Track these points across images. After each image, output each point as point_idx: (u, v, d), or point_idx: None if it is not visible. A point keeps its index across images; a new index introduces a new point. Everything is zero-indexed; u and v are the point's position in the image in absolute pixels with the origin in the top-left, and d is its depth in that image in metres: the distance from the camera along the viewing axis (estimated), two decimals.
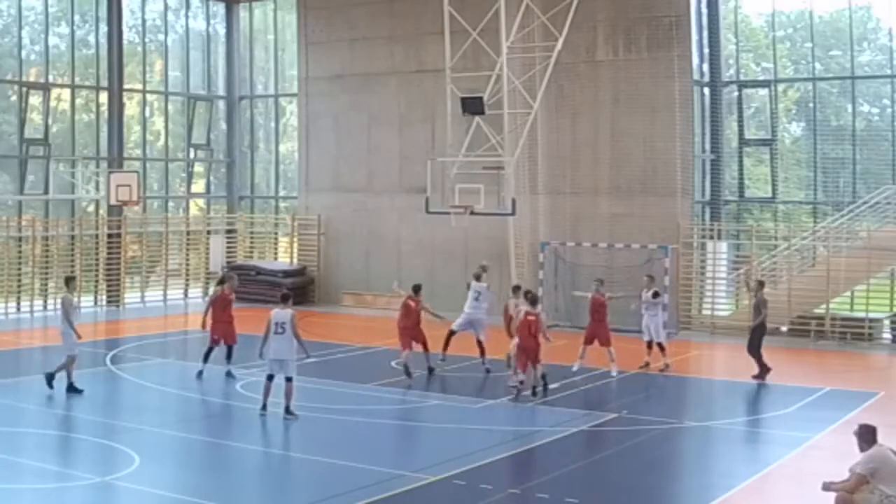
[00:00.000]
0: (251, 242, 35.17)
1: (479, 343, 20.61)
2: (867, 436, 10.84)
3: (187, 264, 33.58)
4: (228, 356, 19.77)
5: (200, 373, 19.49)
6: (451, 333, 20.64)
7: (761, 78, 29.06)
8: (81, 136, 31.82)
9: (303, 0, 33.33)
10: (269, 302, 31.34)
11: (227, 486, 13.36)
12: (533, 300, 18.34)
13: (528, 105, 25.12)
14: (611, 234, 27.70)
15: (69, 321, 17.89)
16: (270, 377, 16.39)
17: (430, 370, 20.15)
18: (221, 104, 35.56)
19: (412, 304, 19.94)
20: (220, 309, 20.01)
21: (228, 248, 34.19)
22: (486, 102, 24.66)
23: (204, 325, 20.07)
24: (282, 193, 35.67)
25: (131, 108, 33.40)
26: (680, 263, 27.03)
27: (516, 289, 20.45)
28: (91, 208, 32.14)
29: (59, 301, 19.37)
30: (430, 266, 29.96)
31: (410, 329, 19.82)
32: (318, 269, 32.84)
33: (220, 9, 35.27)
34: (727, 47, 28.95)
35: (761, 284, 21.39)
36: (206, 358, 19.47)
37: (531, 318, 17.75)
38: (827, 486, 10.73)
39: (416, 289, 20.21)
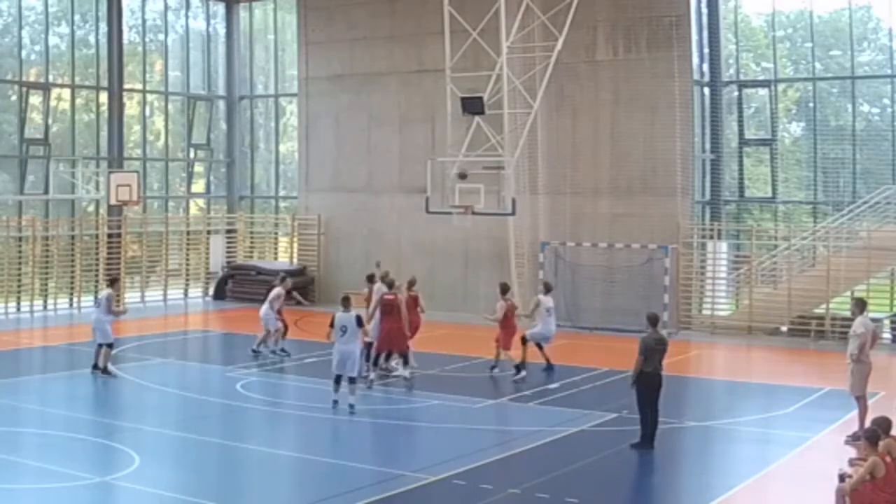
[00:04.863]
0: (251, 242, 35.14)
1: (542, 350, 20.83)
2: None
3: (187, 264, 33.57)
4: None
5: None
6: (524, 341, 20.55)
7: (761, 78, 29.04)
8: (81, 136, 31.78)
9: (303, 0, 33.34)
10: None
11: (227, 486, 13.37)
12: (390, 284, 20.58)
13: (528, 105, 25.06)
14: (611, 234, 27.68)
15: (112, 312, 20.01)
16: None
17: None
18: (221, 104, 35.54)
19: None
20: None
21: (228, 247, 34.17)
22: (486, 102, 24.57)
23: None
24: (282, 193, 35.64)
25: (131, 107, 33.38)
26: (680, 263, 27.02)
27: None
28: (91, 208, 32.10)
29: (101, 298, 20.80)
30: (430, 266, 29.92)
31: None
32: (318, 269, 32.80)
33: (220, 9, 35.25)
34: (727, 47, 28.94)
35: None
36: None
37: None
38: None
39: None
